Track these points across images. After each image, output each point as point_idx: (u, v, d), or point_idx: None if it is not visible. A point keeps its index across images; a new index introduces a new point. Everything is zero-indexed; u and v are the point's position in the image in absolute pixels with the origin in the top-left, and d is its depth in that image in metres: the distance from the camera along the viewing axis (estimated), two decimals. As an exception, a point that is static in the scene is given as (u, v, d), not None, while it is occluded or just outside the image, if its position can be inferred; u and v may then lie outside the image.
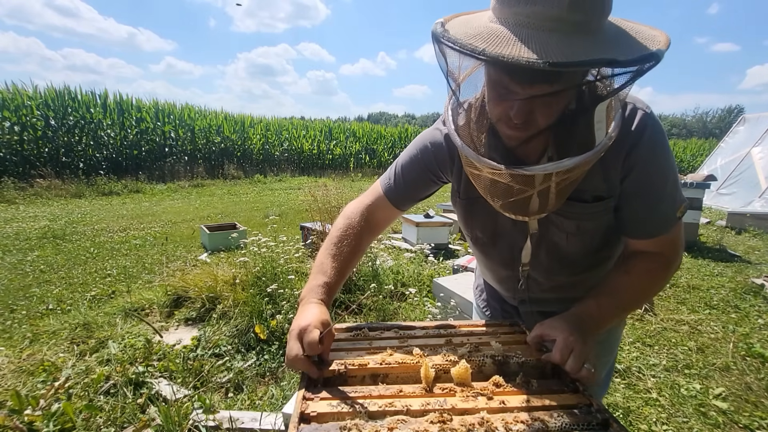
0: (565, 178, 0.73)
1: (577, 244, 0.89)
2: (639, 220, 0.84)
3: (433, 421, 0.62)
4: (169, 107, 14.21)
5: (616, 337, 1.13)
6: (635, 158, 0.78)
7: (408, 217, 5.36)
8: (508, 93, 0.68)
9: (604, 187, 0.81)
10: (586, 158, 0.69)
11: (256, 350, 2.53)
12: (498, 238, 0.96)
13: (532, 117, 0.69)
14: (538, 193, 0.76)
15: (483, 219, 0.95)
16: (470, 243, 1.06)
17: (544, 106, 0.68)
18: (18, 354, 2.46)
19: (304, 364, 0.74)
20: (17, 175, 9.86)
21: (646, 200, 0.82)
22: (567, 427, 0.61)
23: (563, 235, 0.88)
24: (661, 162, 0.79)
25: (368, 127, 20.90)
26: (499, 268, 1.03)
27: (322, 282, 0.92)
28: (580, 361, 0.71)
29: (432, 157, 0.96)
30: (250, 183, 13.74)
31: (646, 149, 0.78)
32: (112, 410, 1.89)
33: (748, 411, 2.10)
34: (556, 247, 0.91)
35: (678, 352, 2.73)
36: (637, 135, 0.77)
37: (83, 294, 3.59)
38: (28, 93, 11.00)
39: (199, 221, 6.72)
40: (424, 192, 1.04)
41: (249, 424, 1.82)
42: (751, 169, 9.14)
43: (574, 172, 0.72)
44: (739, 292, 3.82)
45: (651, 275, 0.86)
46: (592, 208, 0.83)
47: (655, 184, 0.81)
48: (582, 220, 0.85)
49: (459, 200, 0.99)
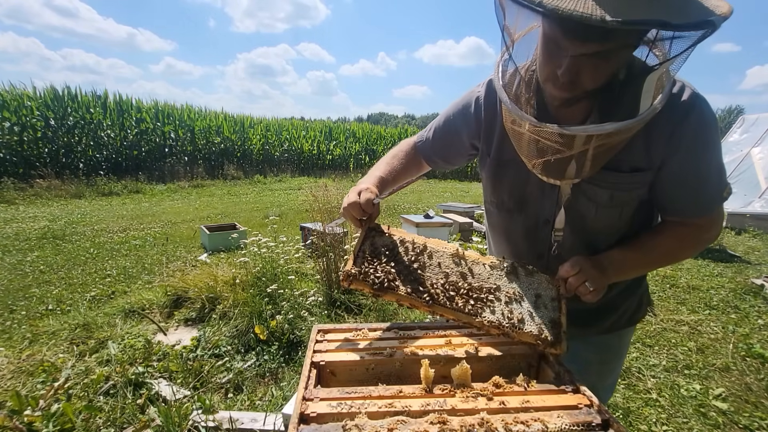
0: (603, 144, 0.74)
1: (603, 220, 0.88)
2: (684, 199, 0.84)
3: (432, 422, 0.61)
4: (169, 108, 14.20)
5: (625, 343, 1.11)
6: (682, 135, 0.78)
7: (408, 218, 5.36)
8: (558, 50, 0.70)
9: (644, 159, 0.81)
10: (628, 125, 0.69)
11: (255, 351, 2.53)
12: (525, 205, 0.95)
13: (579, 78, 0.71)
14: (575, 156, 0.77)
15: (512, 183, 0.95)
16: (493, 210, 1.05)
17: (592, 67, 0.69)
18: (18, 354, 2.46)
19: (357, 211, 0.91)
20: (17, 175, 9.84)
21: (692, 180, 0.81)
22: (567, 427, 0.61)
23: (592, 206, 0.87)
24: (708, 141, 0.79)
25: (368, 127, 20.90)
26: (520, 240, 1.02)
27: (376, 176, 1.03)
28: (582, 278, 0.79)
29: (462, 118, 1.02)
30: (250, 183, 13.73)
31: (694, 126, 0.77)
32: (111, 411, 1.89)
33: (748, 411, 2.10)
34: (582, 220, 0.89)
35: (678, 352, 2.73)
36: (685, 112, 0.77)
37: (83, 294, 3.59)
38: (28, 93, 11.00)
39: (199, 222, 6.71)
40: (453, 152, 1.09)
41: (249, 424, 1.82)
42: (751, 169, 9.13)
43: (613, 139, 0.73)
44: (739, 292, 3.82)
45: (680, 239, 0.87)
46: (628, 179, 0.83)
47: (702, 162, 0.80)
48: (616, 190, 0.84)
49: (489, 162, 0.99)
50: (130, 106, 13.03)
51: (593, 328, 1.02)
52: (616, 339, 1.06)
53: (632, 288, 1.03)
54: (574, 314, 1.00)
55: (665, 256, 0.90)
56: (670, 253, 0.89)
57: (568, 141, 0.74)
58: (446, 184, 15.95)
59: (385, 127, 23.13)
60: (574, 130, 0.72)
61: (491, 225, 1.10)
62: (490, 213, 1.07)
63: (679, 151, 0.79)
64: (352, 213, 0.92)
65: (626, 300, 1.02)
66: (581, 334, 1.02)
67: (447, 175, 18.60)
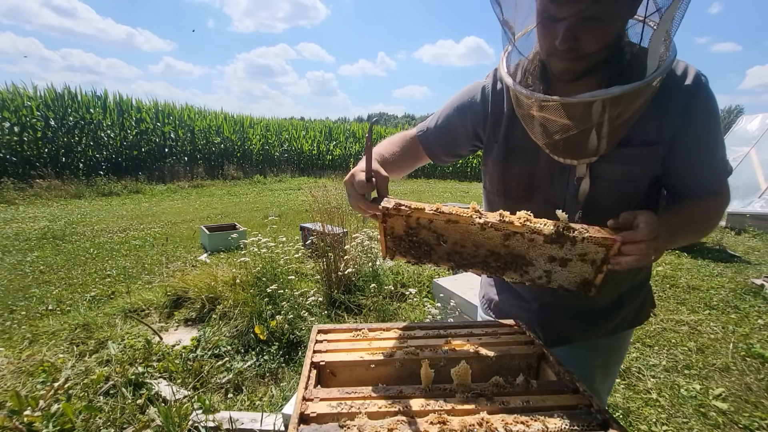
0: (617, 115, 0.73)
1: (615, 201, 0.85)
2: (701, 173, 0.84)
3: (432, 422, 0.61)
4: (169, 108, 14.20)
5: (626, 344, 1.11)
6: (695, 106, 0.78)
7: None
8: (553, 21, 0.71)
9: (656, 131, 0.80)
10: (635, 87, 0.68)
11: (255, 351, 2.53)
12: (534, 192, 0.93)
13: (579, 44, 0.70)
14: (589, 131, 0.76)
15: (520, 169, 0.93)
16: (498, 200, 1.00)
17: (588, 30, 0.69)
18: (17, 355, 2.46)
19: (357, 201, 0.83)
20: (17, 175, 9.84)
21: (708, 152, 0.82)
22: (567, 427, 0.61)
23: (604, 184, 0.85)
24: (716, 116, 0.80)
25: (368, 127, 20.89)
26: None
27: (377, 151, 0.99)
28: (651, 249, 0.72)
29: (468, 106, 0.99)
30: (249, 183, 13.73)
31: (704, 101, 0.78)
32: (111, 411, 1.88)
33: (748, 411, 2.10)
34: (594, 202, 0.87)
35: (678, 352, 2.73)
36: (695, 85, 0.78)
37: (83, 295, 3.59)
38: (28, 93, 11.00)
39: (198, 222, 6.72)
40: (456, 142, 1.05)
41: (249, 424, 1.82)
42: (751, 169, 9.13)
43: (624, 107, 0.72)
44: (739, 292, 3.82)
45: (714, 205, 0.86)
46: (640, 153, 0.82)
47: (712, 135, 0.81)
48: (629, 165, 0.82)
49: (497, 148, 0.96)
50: (129, 106, 13.03)
51: (601, 329, 1.01)
52: (620, 341, 1.06)
53: (639, 287, 1.02)
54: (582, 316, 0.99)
55: (703, 224, 0.88)
56: (707, 221, 0.87)
57: (579, 115, 0.74)
58: (446, 184, 15.95)
59: (385, 127, 23.13)
60: (580, 98, 0.71)
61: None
62: (493, 204, 1.04)
63: (693, 123, 0.79)
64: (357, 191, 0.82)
65: (633, 299, 1.02)
66: (590, 336, 1.01)
67: (447, 175, 18.61)
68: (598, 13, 0.67)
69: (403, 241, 0.86)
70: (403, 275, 3.73)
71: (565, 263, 0.79)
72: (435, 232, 0.82)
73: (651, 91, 0.72)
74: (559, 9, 0.69)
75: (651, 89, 0.72)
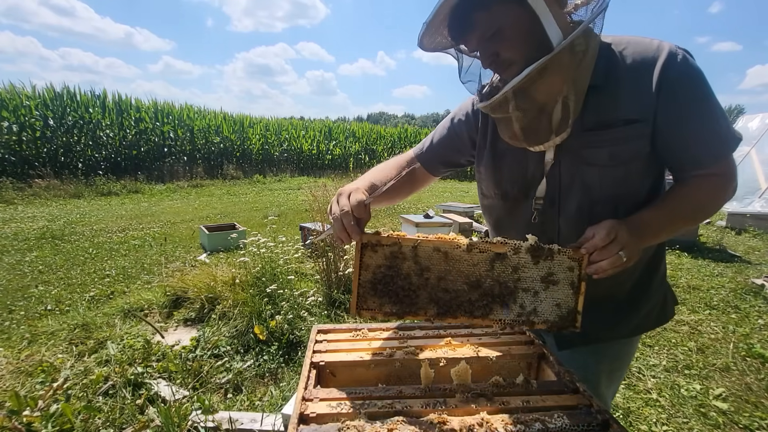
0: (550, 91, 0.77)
1: (609, 186, 0.85)
2: (697, 144, 0.81)
3: (432, 422, 0.61)
4: (168, 107, 14.20)
5: (635, 347, 1.09)
6: (671, 82, 0.78)
7: (408, 218, 5.35)
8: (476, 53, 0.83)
9: (635, 109, 0.80)
10: (539, 65, 0.72)
11: (255, 351, 2.53)
12: (529, 190, 0.94)
13: (499, 58, 0.79)
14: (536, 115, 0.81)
15: (511, 170, 0.96)
16: (497, 203, 1.02)
17: (497, 42, 0.77)
18: (16, 355, 2.46)
19: (349, 220, 0.80)
20: (16, 175, 9.84)
21: (698, 122, 0.80)
22: (567, 427, 0.61)
23: (595, 171, 0.84)
24: (703, 85, 0.79)
25: (368, 127, 20.91)
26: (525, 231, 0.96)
27: (366, 179, 1.01)
28: (617, 247, 0.74)
29: (462, 121, 1.06)
30: (249, 183, 13.73)
31: (681, 74, 0.78)
32: (110, 411, 1.88)
33: (748, 411, 2.10)
34: (588, 191, 0.86)
35: (678, 352, 2.73)
36: (668, 60, 0.78)
37: (82, 294, 3.58)
38: (27, 93, 10.99)
39: (198, 221, 6.71)
40: (455, 153, 1.11)
41: (248, 424, 1.82)
42: (751, 169, 9.14)
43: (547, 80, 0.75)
44: (739, 292, 3.82)
45: (710, 187, 0.84)
46: (623, 132, 0.81)
47: (703, 104, 0.79)
48: (614, 146, 0.82)
49: (486, 154, 1.01)
50: (129, 105, 13.03)
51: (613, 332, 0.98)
52: (627, 346, 1.04)
53: (656, 285, 1.00)
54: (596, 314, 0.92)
55: (697, 209, 0.86)
56: (701, 206, 0.85)
57: (525, 102, 0.79)
58: (446, 184, 15.95)
59: (385, 127, 23.14)
60: (506, 90, 0.77)
61: (495, 220, 1.07)
62: (492, 208, 1.05)
63: (672, 97, 0.78)
64: (343, 222, 0.80)
65: (650, 300, 1.00)
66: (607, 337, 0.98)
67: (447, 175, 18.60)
68: (488, 31, 0.77)
69: (380, 284, 0.79)
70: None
71: (548, 285, 0.78)
72: (419, 264, 0.79)
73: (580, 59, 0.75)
74: (466, 44, 0.83)
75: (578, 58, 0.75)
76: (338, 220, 0.81)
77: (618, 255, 0.73)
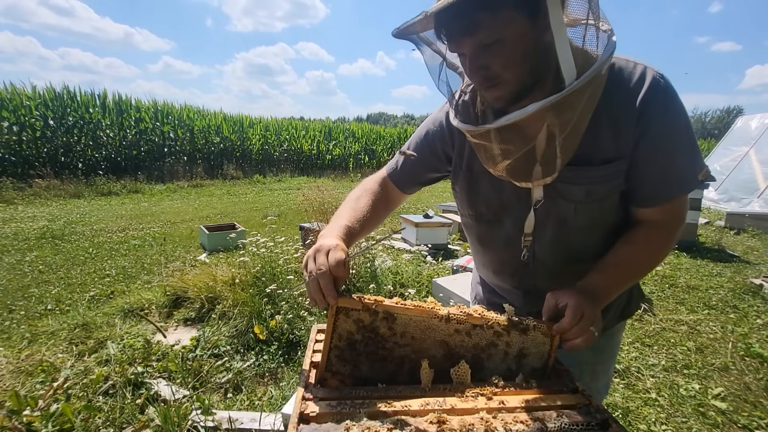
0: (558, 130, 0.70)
1: (585, 218, 0.85)
2: (657, 182, 0.80)
3: (432, 422, 0.62)
4: (168, 107, 14.19)
5: (617, 342, 1.11)
6: (650, 115, 0.75)
7: (407, 218, 5.36)
8: (463, 58, 0.74)
9: (613, 147, 0.78)
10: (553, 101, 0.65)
11: (255, 350, 2.53)
12: (503, 214, 0.92)
13: (489, 71, 0.71)
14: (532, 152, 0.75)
15: (487, 193, 0.92)
16: (472, 223, 1.01)
17: (492, 54, 0.69)
18: (17, 354, 2.46)
19: (327, 281, 0.72)
20: (16, 175, 9.83)
21: (663, 160, 0.78)
22: (566, 427, 0.61)
23: (571, 206, 0.84)
24: (677, 120, 0.76)
25: (367, 127, 20.91)
26: (502, 250, 0.98)
27: (342, 224, 0.92)
28: (587, 325, 0.73)
29: (436, 136, 0.98)
30: (249, 183, 13.72)
31: (661, 106, 0.75)
32: (111, 411, 1.88)
33: (747, 411, 2.11)
34: (564, 223, 0.86)
35: (677, 352, 2.73)
36: (652, 91, 0.74)
37: (82, 294, 3.58)
38: (27, 93, 10.98)
39: (198, 221, 6.71)
40: (427, 174, 1.04)
41: (248, 424, 1.82)
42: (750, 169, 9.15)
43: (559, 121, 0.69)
44: (738, 292, 3.82)
45: (655, 244, 0.84)
46: (601, 171, 0.79)
47: (673, 142, 0.77)
48: (592, 185, 0.81)
49: (462, 174, 0.96)
50: (129, 105, 13.02)
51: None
52: (608, 339, 1.05)
53: None
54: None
55: (645, 265, 0.87)
56: (648, 261, 0.86)
57: (512, 137, 0.73)
58: (446, 184, 15.77)
59: (385, 127, 23.14)
60: (499, 123, 0.70)
61: (471, 237, 1.06)
62: (469, 226, 1.04)
63: (650, 131, 0.76)
64: (319, 283, 0.73)
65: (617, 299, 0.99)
66: None
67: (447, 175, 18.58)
68: (488, 39, 0.67)
69: (352, 349, 0.75)
70: (403, 275, 3.73)
71: (522, 356, 0.78)
72: (394, 330, 0.76)
73: (587, 99, 0.68)
74: (457, 46, 0.73)
75: (586, 97, 0.67)
76: (314, 280, 0.73)
77: (590, 331, 0.73)
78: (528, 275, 0.97)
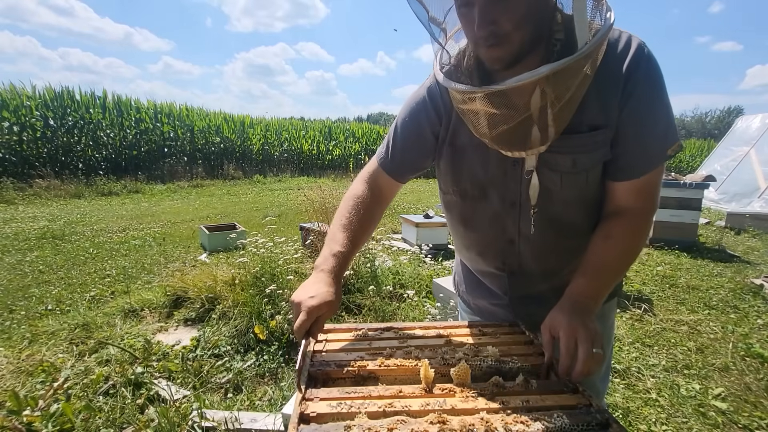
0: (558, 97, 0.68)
1: (570, 190, 0.83)
2: (629, 154, 0.79)
3: (432, 422, 0.61)
4: (168, 107, 14.21)
5: (611, 323, 1.07)
6: (634, 84, 0.74)
7: (407, 218, 5.36)
8: (469, 9, 0.69)
9: (601, 115, 0.77)
10: (565, 63, 0.63)
11: (255, 351, 2.53)
12: (489, 188, 0.90)
13: (497, 26, 0.67)
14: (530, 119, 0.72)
15: (471, 169, 0.90)
16: (456, 200, 0.97)
17: (504, 10, 0.66)
18: (17, 354, 2.46)
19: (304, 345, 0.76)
20: (16, 175, 9.84)
21: (639, 131, 0.77)
22: (566, 427, 0.61)
23: (557, 176, 0.82)
24: (660, 87, 0.76)
25: (367, 127, 20.92)
26: (487, 228, 0.95)
27: (336, 251, 0.90)
28: (588, 348, 0.67)
29: (422, 112, 0.93)
30: (249, 183, 13.73)
31: (644, 75, 0.74)
32: (111, 411, 1.88)
33: (748, 411, 2.10)
34: (549, 195, 0.84)
35: (677, 352, 2.73)
36: (636, 59, 0.74)
37: (82, 294, 3.58)
38: (27, 93, 11.00)
39: (198, 221, 6.71)
40: (421, 154, 0.97)
41: (248, 424, 1.82)
42: (751, 169, 9.15)
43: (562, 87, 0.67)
44: (739, 292, 3.82)
45: (633, 234, 0.83)
46: (588, 138, 0.78)
47: (651, 113, 0.77)
48: (578, 153, 0.79)
49: (445, 149, 0.92)
50: (129, 106, 13.04)
51: None
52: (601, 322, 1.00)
53: None
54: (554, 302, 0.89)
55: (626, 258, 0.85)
56: (629, 253, 0.84)
57: (514, 103, 0.69)
58: (446, 184, 15.92)
59: (385, 127, 23.14)
60: (507, 83, 0.65)
61: (454, 217, 1.02)
62: (451, 205, 1.00)
63: (631, 100, 0.75)
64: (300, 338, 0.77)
65: None
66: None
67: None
68: None
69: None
70: (403, 275, 3.73)
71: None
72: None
73: (590, 66, 0.67)
74: None
75: (589, 63, 0.67)
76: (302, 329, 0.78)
77: (594, 355, 0.67)
78: (513, 255, 0.95)
